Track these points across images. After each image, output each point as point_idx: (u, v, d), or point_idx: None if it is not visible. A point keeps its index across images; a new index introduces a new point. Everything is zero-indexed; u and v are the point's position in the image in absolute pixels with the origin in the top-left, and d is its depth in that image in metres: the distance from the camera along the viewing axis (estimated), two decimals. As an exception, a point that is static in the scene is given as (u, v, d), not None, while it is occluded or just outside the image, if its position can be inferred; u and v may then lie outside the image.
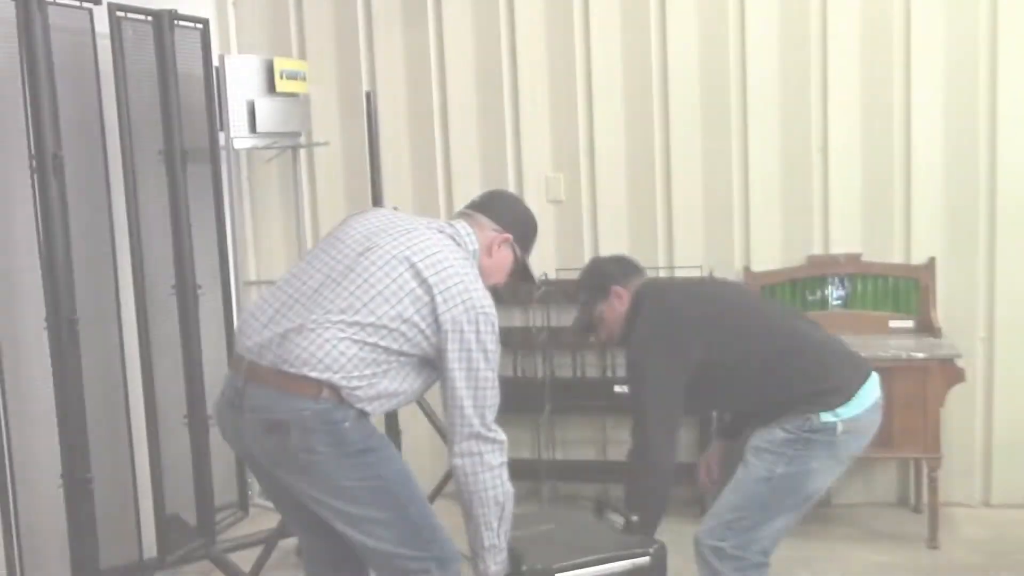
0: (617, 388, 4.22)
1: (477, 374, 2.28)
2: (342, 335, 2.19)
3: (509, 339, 3.45)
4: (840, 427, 2.56)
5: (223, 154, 3.98)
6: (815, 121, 4.08)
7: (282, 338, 2.22)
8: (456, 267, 2.30)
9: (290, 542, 3.72)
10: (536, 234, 2.60)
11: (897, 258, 4.07)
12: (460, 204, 3.54)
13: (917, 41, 3.96)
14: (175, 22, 3.66)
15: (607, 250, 4.27)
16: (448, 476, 4.03)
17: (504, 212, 2.55)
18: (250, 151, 4.37)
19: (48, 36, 3.06)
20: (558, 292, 4.26)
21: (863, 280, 4.09)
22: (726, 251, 4.20)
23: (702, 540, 2.65)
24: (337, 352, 2.19)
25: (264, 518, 4.18)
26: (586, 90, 4.25)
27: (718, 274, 4.16)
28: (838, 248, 4.10)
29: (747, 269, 4.15)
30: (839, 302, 4.12)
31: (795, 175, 4.12)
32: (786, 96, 4.09)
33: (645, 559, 2.51)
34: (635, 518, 2.59)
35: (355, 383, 2.20)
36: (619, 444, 4.32)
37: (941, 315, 3.98)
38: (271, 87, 4.03)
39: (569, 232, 4.33)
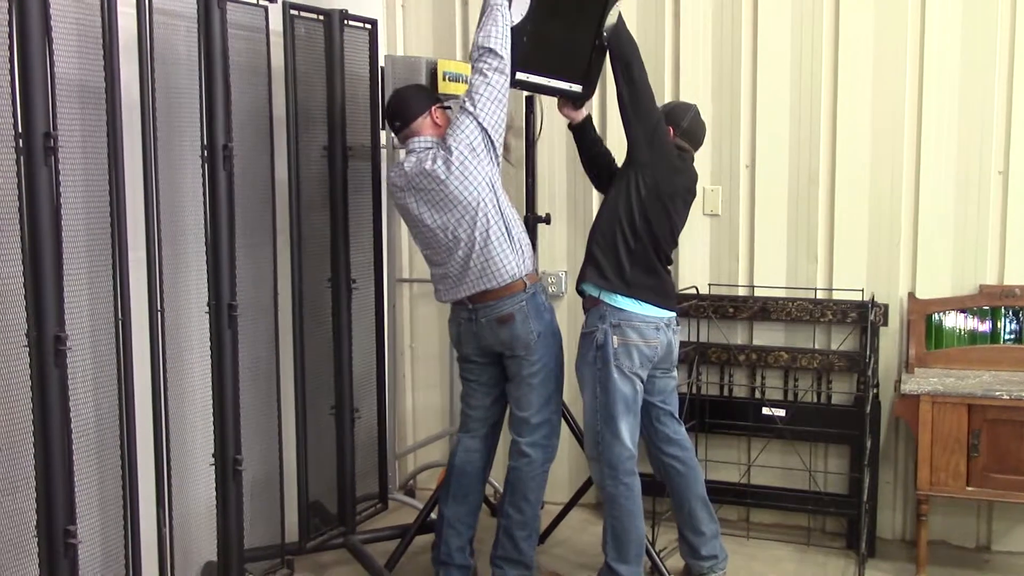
0: (766, 410, 4.10)
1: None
2: (492, 245, 3.26)
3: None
4: (615, 340, 3.29)
5: (383, 153, 4.06)
6: (996, 140, 3.85)
7: (478, 275, 3.29)
8: (431, 156, 3.28)
9: (426, 538, 3.76)
10: (401, 92, 3.50)
11: (1080, 292, 3.80)
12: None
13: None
14: (345, 22, 3.75)
15: (762, 268, 4.16)
16: (584, 487, 3.99)
17: (408, 107, 3.37)
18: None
19: (226, 32, 3.18)
20: (709, 307, 4.17)
21: (1040, 314, 3.83)
22: (890, 274, 4.01)
23: (587, 454, 3.45)
24: (502, 255, 3.27)
25: (402, 512, 4.25)
26: (750, 102, 4.14)
27: (880, 299, 3.98)
28: (1014, 278, 3.86)
29: (911, 295, 3.95)
30: (1012, 336, 3.87)
31: (971, 198, 3.90)
32: (965, 113, 3.87)
33: None
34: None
35: (522, 252, 3.33)
36: (765, 469, 4.18)
37: None
38: (434, 88, 4.07)
39: (724, 247, 4.23)
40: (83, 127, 2.73)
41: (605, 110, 4.24)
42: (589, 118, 3.65)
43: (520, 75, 3.39)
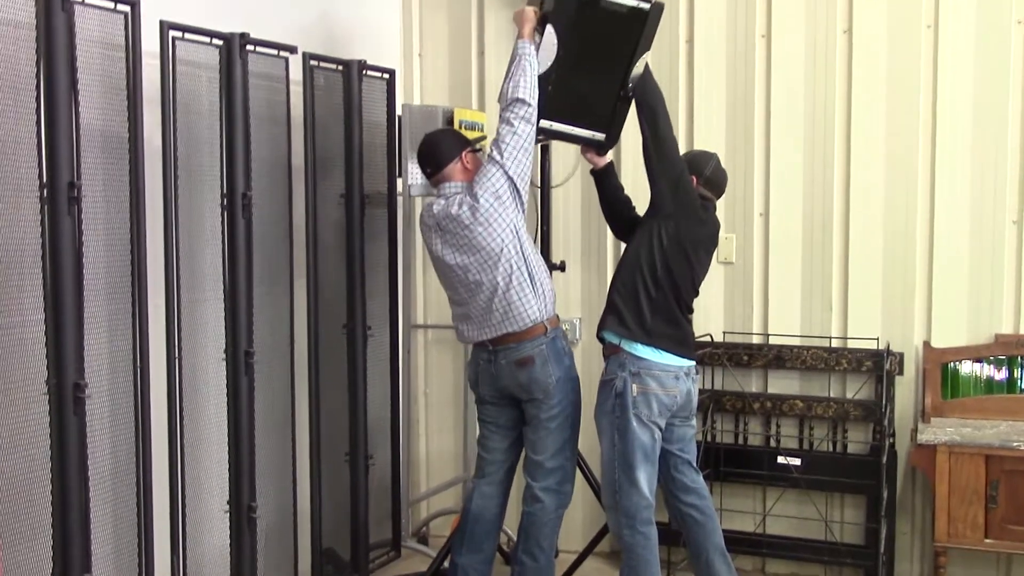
0: (781, 459, 4.08)
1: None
2: (514, 289, 3.30)
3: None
4: (635, 388, 3.29)
5: (400, 200, 4.09)
6: (1010, 190, 3.86)
7: (500, 319, 3.33)
8: (458, 201, 3.34)
9: (439, 587, 3.73)
10: (436, 134, 3.53)
11: (1097, 342, 3.78)
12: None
13: None
14: (364, 72, 3.80)
15: (777, 316, 4.16)
16: (599, 536, 3.96)
17: (440, 153, 3.41)
18: (426, 198, 4.48)
19: (247, 82, 3.23)
20: (724, 355, 4.16)
21: (1057, 364, 3.82)
22: (905, 323, 4.00)
23: (605, 502, 3.46)
24: (524, 299, 3.31)
25: (415, 560, 4.22)
26: (764, 151, 4.16)
27: (895, 348, 3.97)
28: (1030, 328, 3.85)
29: (927, 344, 3.94)
30: (1029, 386, 3.85)
31: (985, 247, 3.89)
32: (979, 161, 3.88)
33: (647, 5, 3.34)
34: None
35: (544, 296, 3.37)
36: (780, 518, 4.15)
37: None
38: (451, 136, 4.11)
39: (738, 295, 4.23)
40: (105, 176, 2.77)
41: (620, 152, 4.25)
42: (611, 164, 3.67)
43: (543, 123, 3.42)
